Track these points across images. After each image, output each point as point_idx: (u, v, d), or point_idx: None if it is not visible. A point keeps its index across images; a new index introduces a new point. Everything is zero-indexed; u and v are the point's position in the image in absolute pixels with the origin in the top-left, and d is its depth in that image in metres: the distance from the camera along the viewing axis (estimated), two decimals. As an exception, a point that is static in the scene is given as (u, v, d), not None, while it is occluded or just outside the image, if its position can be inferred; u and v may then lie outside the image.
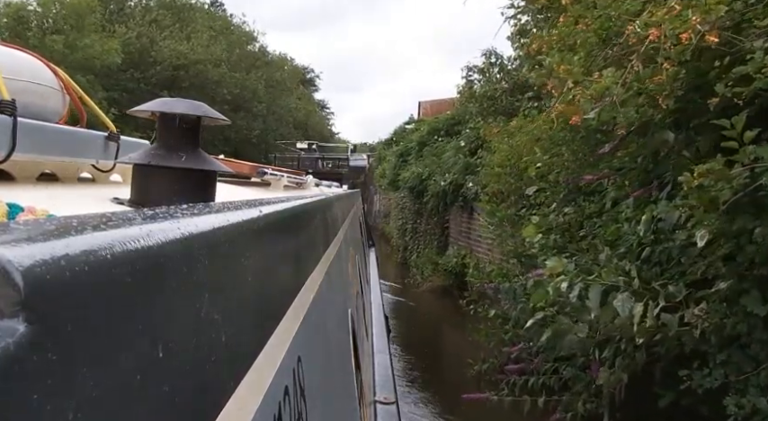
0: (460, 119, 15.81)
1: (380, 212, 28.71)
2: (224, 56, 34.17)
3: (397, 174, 17.95)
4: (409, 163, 17.20)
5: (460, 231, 13.36)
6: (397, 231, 18.26)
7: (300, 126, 44.45)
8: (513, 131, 9.04)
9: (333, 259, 1.95)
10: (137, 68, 31.95)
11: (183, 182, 0.99)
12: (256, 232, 0.73)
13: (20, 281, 0.28)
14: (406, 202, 17.18)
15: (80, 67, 26.99)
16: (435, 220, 14.59)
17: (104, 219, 0.42)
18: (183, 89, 32.80)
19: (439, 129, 16.69)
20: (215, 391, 0.52)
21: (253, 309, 0.69)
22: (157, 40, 32.56)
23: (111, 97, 28.75)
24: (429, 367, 8.97)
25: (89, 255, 0.34)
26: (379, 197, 29.49)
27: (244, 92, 34.91)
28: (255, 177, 3.29)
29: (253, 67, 37.13)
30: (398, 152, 19.64)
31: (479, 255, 12.26)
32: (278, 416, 0.75)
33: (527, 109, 10.39)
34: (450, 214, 14.11)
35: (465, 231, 13.07)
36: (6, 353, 0.27)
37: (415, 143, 17.31)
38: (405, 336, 10.24)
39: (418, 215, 15.96)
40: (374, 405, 3.14)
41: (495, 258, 11.01)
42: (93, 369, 0.32)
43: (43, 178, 1.41)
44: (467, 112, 15.44)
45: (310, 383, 1.05)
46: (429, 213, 14.80)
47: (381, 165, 24.16)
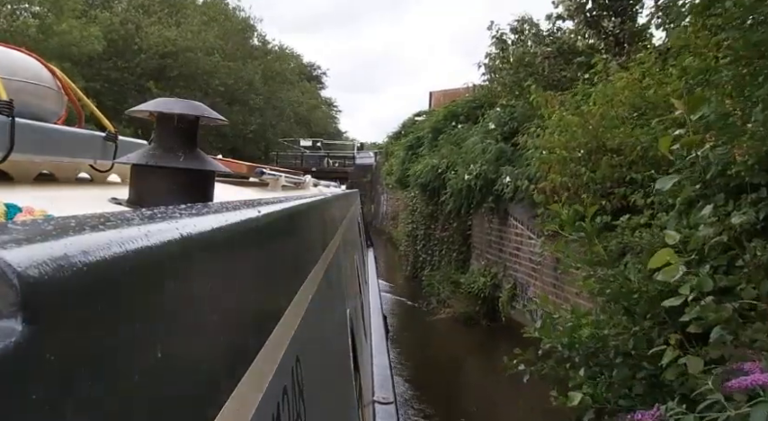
0: (485, 100, 12.69)
1: (388, 214, 25.66)
2: (217, 44, 31.33)
3: (406, 169, 14.82)
4: (421, 155, 14.05)
5: (489, 242, 10.20)
6: (406, 238, 15.10)
7: (303, 121, 41.70)
8: (589, 96, 5.75)
9: (331, 259, 1.94)
10: (120, 57, 29.50)
11: (182, 182, 0.99)
12: (254, 232, 0.74)
13: (18, 281, 0.28)
14: (417, 203, 14.06)
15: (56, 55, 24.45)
16: (455, 226, 11.45)
17: (102, 220, 0.43)
18: (171, 79, 30.24)
19: (457, 113, 13.53)
20: (214, 391, 0.52)
21: (251, 310, 0.69)
22: (143, 25, 29.82)
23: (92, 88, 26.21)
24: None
25: (87, 256, 0.34)
26: (386, 197, 26.42)
27: (239, 82, 32.03)
28: (253, 177, 3.18)
29: (250, 56, 34.24)
30: (408, 144, 16.60)
31: (517, 274, 9.09)
32: (276, 416, 0.76)
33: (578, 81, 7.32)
34: (474, 218, 10.96)
35: (496, 242, 9.91)
36: (5, 354, 0.27)
37: (429, 130, 14.17)
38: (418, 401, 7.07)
39: (432, 219, 12.83)
40: (373, 405, 3.21)
41: (547, 283, 7.81)
42: (91, 369, 0.33)
43: (41, 178, 1.41)
44: (492, 93, 12.35)
45: (309, 383, 1.05)
46: (446, 217, 11.68)
47: (388, 161, 21.34)
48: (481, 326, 9.66)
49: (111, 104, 25.60)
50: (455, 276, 10.62)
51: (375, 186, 30.04)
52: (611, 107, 5.62)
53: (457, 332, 9.80)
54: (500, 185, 8.62)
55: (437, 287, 10.89)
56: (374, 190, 31.18)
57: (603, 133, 5.58)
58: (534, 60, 9.89)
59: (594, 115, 5.80)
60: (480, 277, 9.82)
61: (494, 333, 9.37)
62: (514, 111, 9.67)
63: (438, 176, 11.36)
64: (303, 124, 42.09)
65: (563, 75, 10.04)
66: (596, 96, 5.96)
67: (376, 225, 29.70)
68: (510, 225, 9.29)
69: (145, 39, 29.63)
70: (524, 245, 8.72)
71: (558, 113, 6.15)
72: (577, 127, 5.82)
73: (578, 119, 5.92)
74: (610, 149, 5.55)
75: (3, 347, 0.27)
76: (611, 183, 5.49)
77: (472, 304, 9.81)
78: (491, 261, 10.08)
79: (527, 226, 8.51)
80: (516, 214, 8.97)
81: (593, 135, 5.71)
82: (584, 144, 5.82)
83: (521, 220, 8.83)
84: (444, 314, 10.11)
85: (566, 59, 10.33)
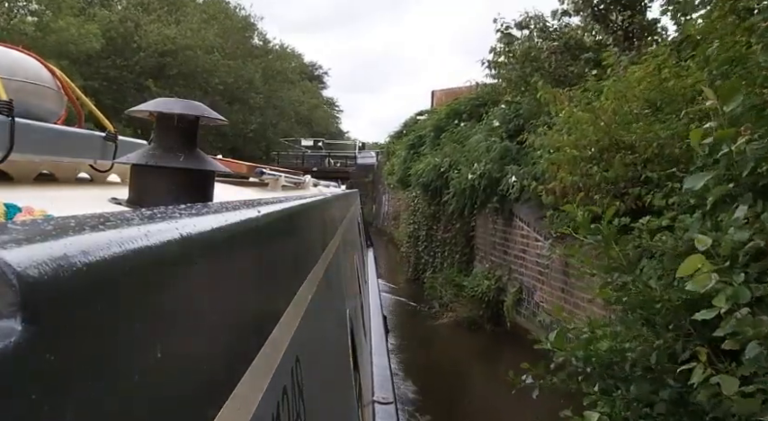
0: (488, 98, 12.37)
1: (389, 214, 25.33)
2: (217, 42, 31.00)
3: (407, 168, 14.49)
4: (423, 154, 13.72)
5: (494, 243, 9.87)
6: (408, 239, 14.77)
7: (304, 121, 41.35)
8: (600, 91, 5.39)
9: (331, 259, 1.94)
10: (119, 55, 29.21)
11: (181, 182, 0.99)
12: (254, 233, 0.74)
13: (17, 281, 0.28)
14: (418, 203, 13.74)
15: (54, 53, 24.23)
16: (458, 227, 11.12)
17: (102, 220, 0.43)
18: (170, 77, 29.92)
19: (460, 111, 13.21)
20: (214, 391, 0.52)
21: (251, 310, 0.69)
22: (143, 23, 29.51)
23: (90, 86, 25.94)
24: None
25: (87, 256, 0.34)
26: (388, 197, 26.11)
27: (239, 81, 31.70)
28: (253, 177, 3.16)
29: (250, 55, 33.90)
30: (409, 143, 16.27)
31: (522, 278, 8.77)
32: (276, 415, 0.76)
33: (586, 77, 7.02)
34: (478, 219, 10.64)
35: (500, 243, 9.59)
36: (4, 353, 0.27)
37: (431, 128, 13.83)
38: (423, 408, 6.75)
39: (434, 219, 12.50)
40: (372, 405, 3.19)
41: (555, 287, 7.49)
42: (91, 369, 0.33)
43: (41, 178, 1.42)
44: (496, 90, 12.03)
45: (309, 383, 1.05)
46: (449, 218, 11.35)
47: (390, 161, 21.02)
48: (485, 331, 9.33)
49: (109, 103, 25.35)
50: (458, 279, 10.29)
51: (377, 186, 29.76)
52: (625, 102, 5.30)
53: (460, 336, 9.47)
54: (505, 185, 8.29)
55: (439, 290, 10.57)
56: (376, 190, 30.87)
57: (616, 129, 5.25)
58: (540, 55, 9.56)
59: (606, 111, 5.47)
60: (484, 280, 9.49)
61: (498, 338, 9.05)
62: (520, 107, 9.34)
63: (440, 176, 11.04)
64: (304, 124, 41.75)
65: (570, 70, 9.71)
66: (608, 91, 5.64)
67: (377, 225, 29.36)
68: (515, 226, 8.96)
69: (144, 37, 29.32)
70: (530, 247, 8.39)
71: (568, 110, 5.82)
72: (588, 124, 5.50)
73: (589, 115, 5.60)
74: (623, 147, 5.22)
75: (2, 347, 0.27)
76: (624, 182, 5.16)
77: (476, 308, 9.49)
78: (495, 263, 9.76)
79: (534, 227, 8.19)
80: (522, 215, 8.64)
81: (604, 132, 5.39)
82: (595, 142, 5.50)
83: (527, 221, 8.50)
84: (447, 318, 9.79)
85: (572, 55, 10.00)
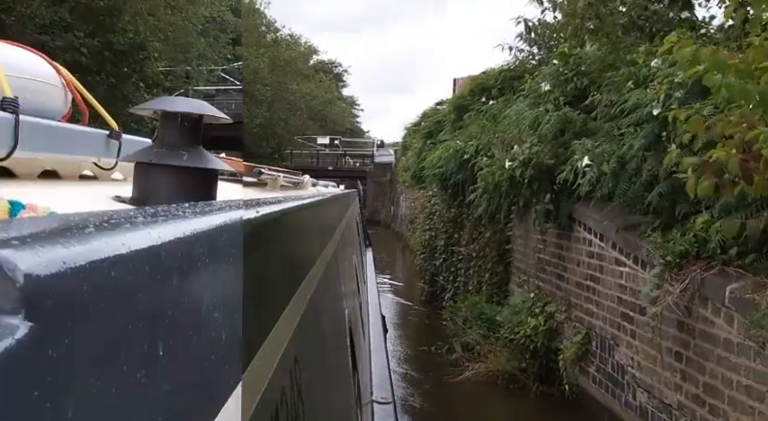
0: (525, 68, 9.31)
1: (407, 216, 22.24)
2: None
3: (422, 160, 11.50)
4: (441, 141, 10.69)
5: (541, 262, 6.78)
6: (422, 249, 11.75)
7: (317, 117, 38.45)
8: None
9: (330, 259, 1.94)
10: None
11: (185, 180, 0.98)
12: (254, 232, 0.74)
13: (21, 278, 0.28)
14: (435, 204, 10.71)
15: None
16: (488, 237, 8.08)
17: (105, 218, 0.43)
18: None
19: (488, 87, 10.13)
20: (213, 391, 0.52)
21: (250, 309, 0.67)
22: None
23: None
24: None
25: (90, 253, 0.34)
26: (405, 197, 23.06)
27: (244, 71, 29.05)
28: (251, 177, 3.08)
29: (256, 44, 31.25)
30: (426, 131, 13.31)
31: (592, 320, 5.66)
32: (275, 415, 0.76)
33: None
34: (516, 226, 7.57)
35: (552, 263, 6.51)
36: (7, 350, 0.27)
37: (451, 108, 10.80)
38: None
39: (456, 225, 9.47)
40: (371, 404, 3.17)
41: (662, 348, 4.36)
42: (93, 366, 0.33)
43: (45, 176, 1.41)
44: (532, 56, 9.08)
45: (308, 384, 1.05)
46: (475, 223, 8.31)
47: (405, 156, 18.12)
48: (529, 394, 6.28)
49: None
50: (489, 311, 7.24)
51: (394, 186, 27.41)
52: None
53: (493, 402, 6.42)
54: (568, 173, 5.21)
55: (462, 326, 7.50)
56: (393, 190, 28.20)
57: None
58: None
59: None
60: (528, 317, 6.43)
61: (552, 407, 6.00)
62: (582, 61, 6.26)
63: (463, 165, 7.99)
64: (318, 119, 38.92)
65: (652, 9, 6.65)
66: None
67: (395, 228, 26.47)
68: (578, 239, 5.88)
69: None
70: (606, 273, 5.31)
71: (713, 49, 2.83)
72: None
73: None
74: None
75: (6, 344, 0.27)
76: None
77: (515, 357, 6.43)
78: (544, 291, 6.68)
79: (612, 242, 5.11)
80: (591, 222, 5.55)
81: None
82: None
83: (598, 232, 5.42)
84: (473, 370, 6.72)
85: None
